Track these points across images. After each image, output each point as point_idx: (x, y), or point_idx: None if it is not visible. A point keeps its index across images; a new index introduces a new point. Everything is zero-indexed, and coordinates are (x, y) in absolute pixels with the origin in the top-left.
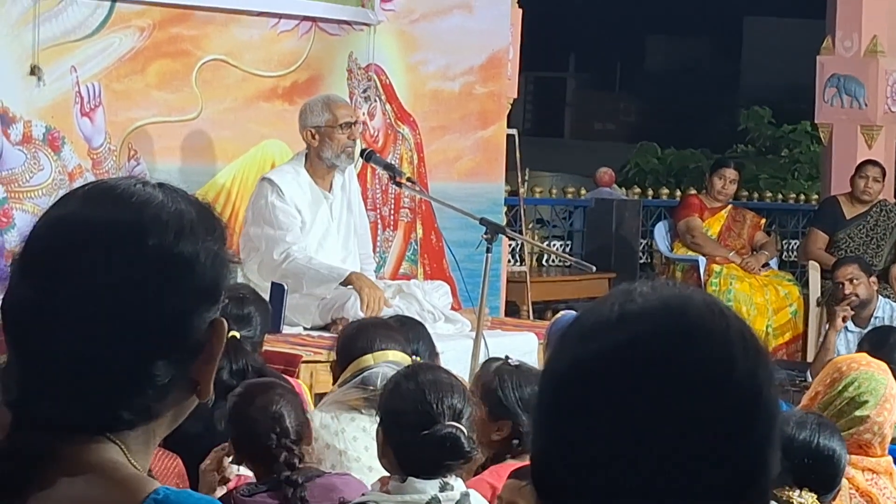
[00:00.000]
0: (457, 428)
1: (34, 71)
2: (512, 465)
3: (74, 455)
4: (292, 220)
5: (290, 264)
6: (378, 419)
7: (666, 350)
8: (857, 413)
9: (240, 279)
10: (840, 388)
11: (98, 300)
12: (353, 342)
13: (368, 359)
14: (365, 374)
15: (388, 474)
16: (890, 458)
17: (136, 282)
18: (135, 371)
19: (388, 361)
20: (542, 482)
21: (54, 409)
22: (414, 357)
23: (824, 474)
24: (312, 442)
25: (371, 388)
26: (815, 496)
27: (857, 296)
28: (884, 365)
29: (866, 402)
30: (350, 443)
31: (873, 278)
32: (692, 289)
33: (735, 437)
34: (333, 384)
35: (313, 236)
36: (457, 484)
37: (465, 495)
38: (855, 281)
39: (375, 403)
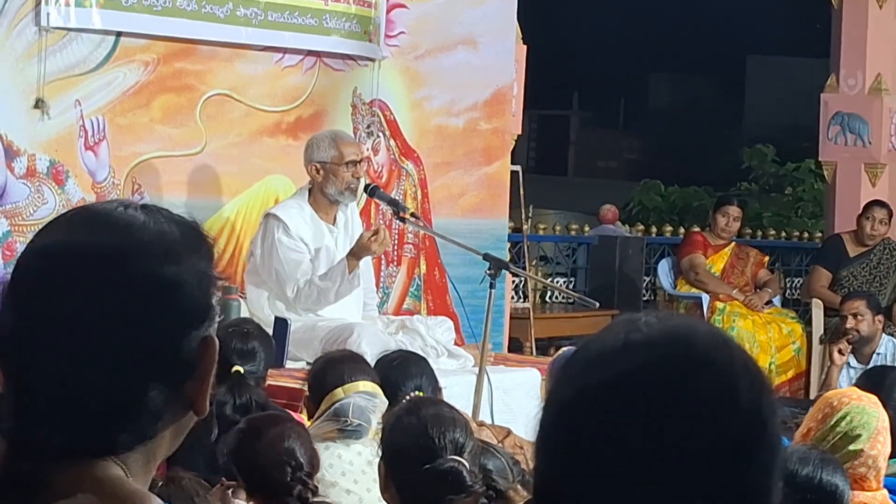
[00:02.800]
0: (459, 462)
1: (38, 104)
2: None
3: (73, 478)
4: (300, 255)
5: (301, 296)
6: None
7: (672, 379)
8: (851, 447)
9: (244, 313)
10: (832, 422)
11: (84, 326)
12: (323, 378)
13: (339, 392)
14: (337, 405)
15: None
16: (885, 492)
17: (120, 306)
18: (127, 394)
19: (358, 392)
20: None
21: (50, 436)
22: (413, 394)
23: None
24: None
25: (344, 419)
26: None
27: (857, 332)
28: (874, 398)
29: (859, 435)
30: (326, 469)
31: (879, 316)
32: (696, 320)
33: (739, 467)
34: (308, 420)
35: (318, 270)
36: None
37: None
38: (859, 317)
39: (349, 434)
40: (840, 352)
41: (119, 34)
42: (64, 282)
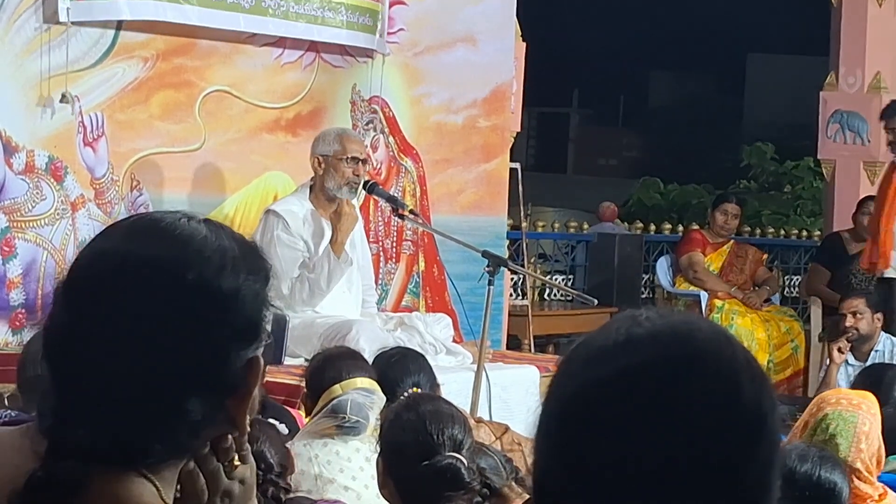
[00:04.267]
0: (457, 459)
1: (64, 98)
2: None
3: (107, 487)
4: (297, 253)
5: (294, 291)
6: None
7: (674, 374)
8: None
9: None
10: (810, 431)
11: (133, 332)
12: (321, 374)
13: (337, 389)
14: (335, 402)
15: (385, 501)
16: (889, 501)
17: (172, 316)
18: (168, 405)
19: (356, 389)
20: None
21: (88, 438)
22: (412, 390)
23: None
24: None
25: (342, 415)
26: None
27: (856, 330)
28: (857, 398)
29: (839, 444)
30: (324, 466)
31: (879, 314)
32: (697, 316)
33: (740, 462)
34: (306, 417)
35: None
36: None
37: None
38: (858, 315)
39: (347, 430)
40: (839, 350)
41: (119, 28)
42: (119, 285)
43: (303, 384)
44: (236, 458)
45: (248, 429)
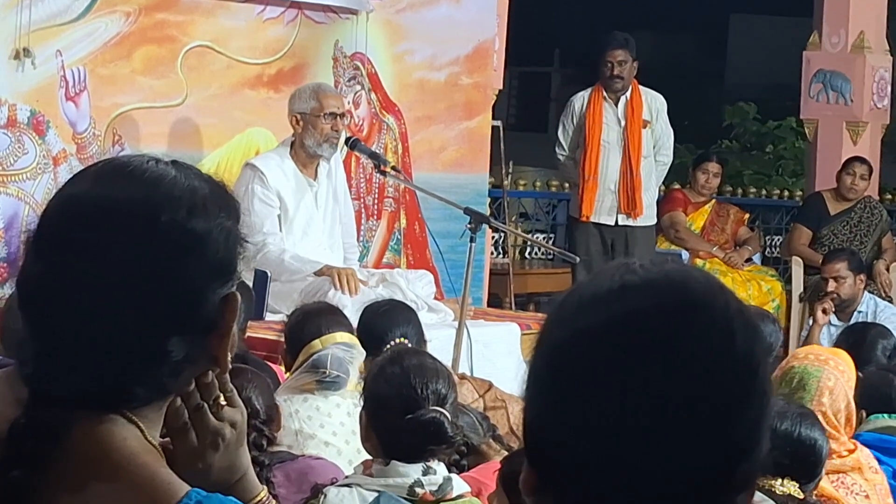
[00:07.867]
0: (441, 413)
1: (26, 53)
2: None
3: (91, 432)
4: (270, 209)
5: (264, 257)
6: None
7: (668, 322)
8: None
9: None
10: (777, 385)
11: (109, 277)
12: (300, 329)
13: (317, 343)
14: (314, 357)
15: (367, 455)
16: (857, 456)
17: (147, 259)
18: (148, 347)
19: (336, 343)
20: (535, 451)
21: (70, 385)
22: (399, 340)
23: (806, 463)
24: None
25: (322, 370)
26: (797, 485)
27: (838, 295)
28: (825, 353)
29: (802, 397)
30: (305, 422)
31: (861, 275)
32: (690, 266)
33: (732, 412)
34: (286, 373)
35: (297, 224)
36: (439, 468)
37: (448, 479)
38: (840, 279)
39: (327, 385)
40: (824, 311)
41: None
42: (90, 231)
43: (283, 339)
44: (221, 397)
45: (230, 366)
